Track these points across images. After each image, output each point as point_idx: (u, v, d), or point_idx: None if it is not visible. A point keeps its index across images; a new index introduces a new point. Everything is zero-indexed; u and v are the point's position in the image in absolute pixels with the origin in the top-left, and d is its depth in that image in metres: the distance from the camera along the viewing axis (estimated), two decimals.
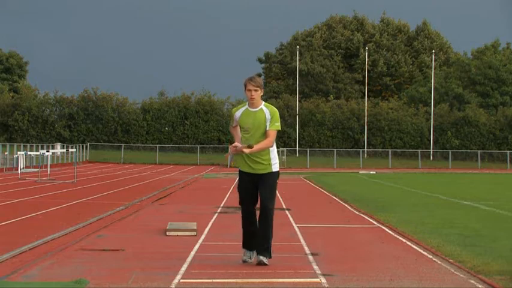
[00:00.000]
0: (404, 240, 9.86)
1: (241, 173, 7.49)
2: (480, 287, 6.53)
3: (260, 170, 7.30)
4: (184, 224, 10.55)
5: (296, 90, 67.12)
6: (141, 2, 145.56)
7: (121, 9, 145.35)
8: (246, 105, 7.39)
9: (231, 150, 7.30)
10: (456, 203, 17.17)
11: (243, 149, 7.15)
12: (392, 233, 10.74)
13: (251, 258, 7.42)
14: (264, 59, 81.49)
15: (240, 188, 7.52)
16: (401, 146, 64.46)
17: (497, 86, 69.69)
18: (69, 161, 44.87)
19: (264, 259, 7.26)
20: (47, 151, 34.63)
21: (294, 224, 11.73)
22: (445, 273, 7.21)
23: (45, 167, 30.39)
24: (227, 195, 18.64)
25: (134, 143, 62.86)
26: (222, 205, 15.56)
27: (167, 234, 10.03)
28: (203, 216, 12.76)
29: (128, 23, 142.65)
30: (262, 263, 7.23)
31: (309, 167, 50.63)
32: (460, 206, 16.42)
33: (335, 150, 56.86)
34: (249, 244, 7.48)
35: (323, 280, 6.69)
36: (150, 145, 61.32)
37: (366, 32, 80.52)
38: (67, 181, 24.87)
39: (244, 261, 7.45)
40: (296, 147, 62.19)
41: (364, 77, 71.14)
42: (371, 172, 42.82)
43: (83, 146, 53.49)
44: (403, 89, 76.03)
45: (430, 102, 65.53)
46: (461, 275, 7.09)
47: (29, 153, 35.78)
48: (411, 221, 12.24)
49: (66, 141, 59.84)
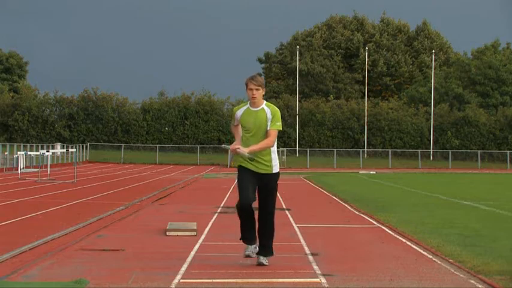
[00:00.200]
0: (404, 240, 9.86)
1: (242, 167, 7.35)
2: (480, 287, 6.53)
3: (261, 169, 7.25)
4: (184, 224, 10.55)
5: (296, 90, 67.12)
6: (141, 2, 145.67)
7: (121, 9, 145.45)
8: (248, 105, 7.34)
9: (232, 151, 7.25)
10: (456, 203, 17.16)
11: (244, 151, 7.11)
12: (392, 233, 10.74)
13: (253, 252, 7.41)
14: (264, 59, 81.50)
15: (240, 178, 7.33)
16: (401, 146, 64.46)
17: (497, 86, 69.70)
18: (69, 161, 44.86)
19: (264, 260, 7.25)
20: (47, 151, 34.62)
21: (294, 224, 11.73)
22: (445, 273, 7.21)
23: (45, 167, 30.39)
24: (227, 195, 18.64)
25: (134, 143, 62.86)
26: (222, 205, 15.56)
27: (167, 234, 10.03)
28: (203, 216, 12.76)
29: (128, 23, 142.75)
30: (262, 264, 7.24)
31: (309, 167, 50.63)
32: (460, 206, 16.41)
33: (335, 150, 56.85)
34: (248, 237, 7.43)
35: (323, 280, 6.70)
36: (150, 145, 61.32)
37: (366, 32, 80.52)
38: (67, 181, 24.87)
39: (247, 256, 7.49)
40: (296, 147, 62.19)
41: (364, 77, 71.15)
42: (371, 172, 42.82)
43: (83, 146, 53.49)
44: (403, 89, 76.04)
45: (430, 102, 65.53)
46: (461, 275, 7.09)
47: (29, 153, 35.77)
48: (411, 221, 12.24)
49: (66, 141, 59.84)
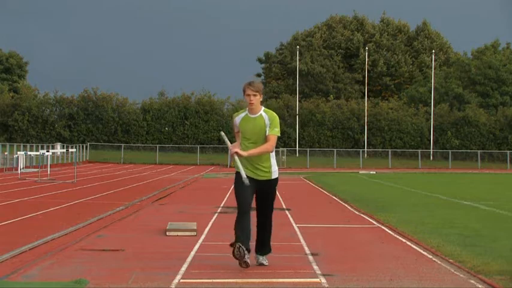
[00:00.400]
0: (404, 240, 9.85)
1: (238, 174, 7.21)
2: (480, 287, 6.53)
3: (260, 176, 7.19)
4: (184, 224, 10.55)
5: (296, 90, 67.12)
6: (141, 2, 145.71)
7: (121, 9, 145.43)
8: (246, 111, 7.29)
9: (231, 153, 7.16)
10: (456, 203, 17.15)
11: (243, 154, 7.06)
12: (392, 233, 10.74)
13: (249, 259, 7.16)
14: (264, 59, 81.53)
15: (236, 187, 7.21)
16: (401, 146, 64.46)
17: (497, 86, 69.71)
18: (69, 161, 44.87)
19: (264, 261, 7.31)
20: (47, 151, 34.62)
21: (294, 224, 11.73)
22: (445, 273, 7.21)
23: (45, 167, 30.40)
24: (227, 195, 18.63)
25: (134, 143, 62.86)
26: (222, 205, 15.56)
27: (167, 234, 10.03)
28: (203, 216, 12.76)
29: (128, 23, 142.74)
30: (262, 264, 7.30)
31: (309, 167, 50.62)
32: (460, 206, 16.40)
33: (335, 150, 56.84)
34: (243, 240, 7.15)
35: (323, 280, 6.70)
36: (150, 145, 61.31)
37: (366, 32, 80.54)
38: (67, 181, 24.86)
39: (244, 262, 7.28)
40: (296, 147, 62.20)
41: (364, 77, 71.17)
42: (371, 172, 42.81)
43: (83, 146, 53.49)
44: (403, 89, 76.05)
45: (430, 102, 65.54)
46: (461, 275, 7.09)
47: (29, 153, 35.78)
48: (411, 221, 12.23)
49: (66, 141, 59.84)
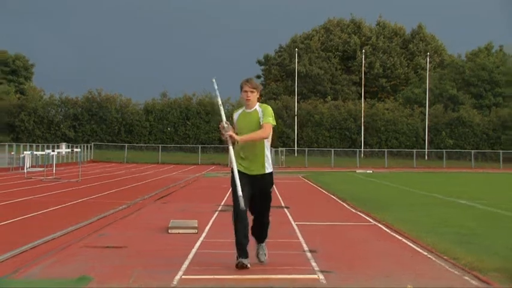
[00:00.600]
0: (400, 238, 9.83)
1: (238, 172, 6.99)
2: (474, 283, 6.51)
3: (254, 170, 7.03)
4: (185, 222, 10.52)
5: (295, 91, 67.15)
6: (142, 3, 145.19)
7: (124, 12, 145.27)
8: (243, 108, 7.24)
9: (225, 136, 6.90)
10: (451, 202, 17.11)
11: (236, 138, 6.87)
12: (388, 231, 10.71)
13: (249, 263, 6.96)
14: (264, 61, 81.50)
15: (234, 191, 6.92)
16: (397, 145, 64.46)
17: (491, 88, 69.71)
18: (74, 160, 44.77)
19: (262, 257, 7.22)
20: (52, 151, 34.61)
21: (292, 222, 11.71)
22: (440, 270, 7.19)
23: (51, 166, 30.38)
24: (227, 194, 18.58)
25: (137, 143, 62.82)
26: (222, 203, 15.55)
27: (169, 231, 10.01)
28: (204, 214, 12.74)
29: (131, 25, 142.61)
30: (260, 260, 7.22)
31: (307, 166, 50.61)
32: (455, 205, 16.36)
33: (333, 150, 56.86)
34: (242, 252, 6.98)
35: (321, 276, 6.68)
36: (153, 145, 61.28)
37: (363, 35, 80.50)
38: (72, 180, 24.83)
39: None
40: (295, 147, 62.19)
41: (360, 78, 71.19)
42: (368, 171, 42.78)
43: (87, 146, 53.45)
44: (399, 90, 76.02)
45: (425, 103, 65.52)
46: (456, 272, 7.07)
47: (34, 152, 35.75)
48: (407, 219, 12.20)
49: (71, 141, 59.77)
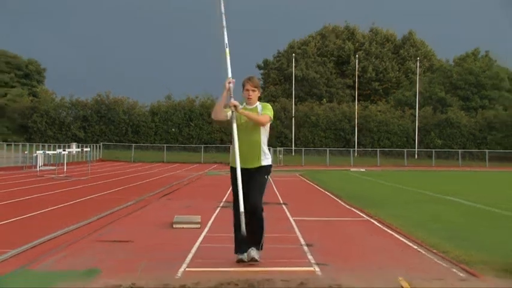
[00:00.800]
0: (392, 233, 9.83)
1: (232, 169, 6.84)
2: (462, 275, 6.50)
3: (249, 164, 6.76)
4: (189, 218, 10.52)
5: (292, 94, 67.18)
6: (143, 4, 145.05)
7: (123, 13, 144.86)
8: (245, 104, 6.97)
9: (231, 104, 6.64)
10: (441, 199, 17.07)
11: (239, 108, 6.64)
12: (381, 226, 10.71)
13: (246, 258, 6.83)
14: (263, 65, 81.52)
15: (233, 184, 6.85)
16: (389, 145, 64.46)
17: (477, 91, 69.72)
18: (84, 159, 44.75)
19: (256, 255, 6.77)
20: (63, 150, 34.58)
21: (290, 218, 11.70)
22: (430, 263, 7.18)
23: (62, 165, 30.35)
24: (228, 191, 18.58)
25: (143, 143, 62.80)
26: (224, 200, 15.53)
27: (174, 226, 10.00)
28: (207, 210, 12.73)
29: (132, 27, 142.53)
30: (254, 259, 6.75)
31: (304, 165, 50.63)
32: (444, 201, 16.33)
33: (328, 149, 56.88)
34: (241, 247, 6.87)
35: (317, 269, 6.67)
36: (158, 145, 61.24)
37: (356, 41, 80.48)
38: (81, 178, 24.82)
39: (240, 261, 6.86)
40: (292, 147, 62.17)
41: (354, 82, 71.19)
42: (361, 170, 42.77)
43: (96, 146, 53.45)
44: (391, 93, 76.01)
45: (415, 106, 65.51)
46: (444, 265, 7.06)
47: (46, 152, 35.75)
48: (399, 215, 12.19)
49: (81, 141, 59.76)
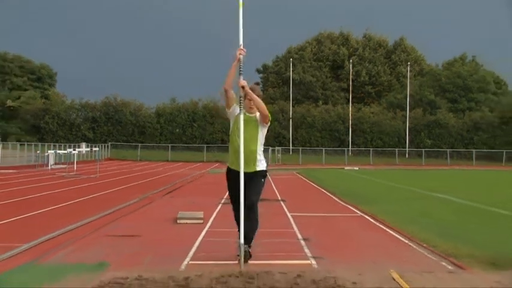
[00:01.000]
0: (385, 228, 9.82)
1: (229, 171, 6.72)
2: (450, 267, 6.50)
3: (245, 168, 6.44)
4: (192, 213, 10.51)
5: (290, 96, 67.14)
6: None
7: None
8: (245, 112, 6.64)
9: (240, 84, 6.42)
10: (430, 196, 17.05)
11: (248, 89, 6.40)
12: (374, 222, 10.70)
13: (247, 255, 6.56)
14: (262, 69, 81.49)
15: (229, 187, 6.74)
16: (381, 145, 64.42)
17: (465, 93, 69.70)
18: (93, 158, 44.72)
19: (248, 249, 6.54)
20: (74, 150, 34.60)
21: (288, 213, 11.69)
22: (420, 256, 7.18)
23: (72, 163, 30.37)
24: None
25: (149, 143, 62.74)
26: (225, 197, 15.48)
27: (178, 222, 10.00)
28: (209, 206, 12.72)
29: (144, 39, 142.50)
30: (247, 253, 6.51)
31: (301, 163, 50.59)
32: (434, 198, 16.31)
33: (324, 149, 56.84)
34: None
35: (313, 262, 6.67)
36: (163, 145, 61.19)
37: (351, 46, 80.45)
38: (90, 176, 24.80)
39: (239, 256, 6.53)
40: (290, 147, 62.13)
41: (348, 85, 71.17)
42: (355, 168, 42.76)
43: (104, 146, 53.39)
44: (383, 96, 75.99)
45: (406, 108, 65.49)
46: (434, 258, 7.06)
47: (58, 151, 35.73)
48: (391, 211, 12.19)
49: (90, 141, 59.72)
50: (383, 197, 16.42)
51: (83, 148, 43.70)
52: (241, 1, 6.41)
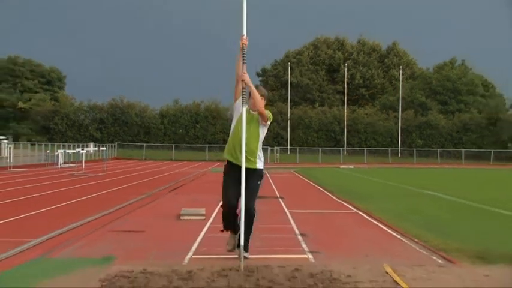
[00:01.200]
0: (378, 224, 9.82)
1: (228, 164, 6.33)
2: (440, 261, 6.50)
3: (246, 163, 6.09)
4: (195, 210, 10.50)
5: (288, 99, 67.14)
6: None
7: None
8: (250, 110, 6.38)
9: (240, 77, 6.19)
10: (422, 193, 17.05)
11: (248, 81, 6.16)
12: (369, 218, 10.70)
13: (234, 247, 6.29)
14: (261, 73, 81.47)
15: (225, 179, 6.28)
16: (375, 145, 64.41)
17: (454, 96, 69.70)
18: (100, 157, 44.70)
19: (247, 254, 6.17)
20: (82, 149, 34.58)
21: (286, 210, 11.68)
22: (412, 251, 7.18)
23: (80, 162, 30.35)
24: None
25: (154, 143, 62.72)
26: None
27: (181, 218, 9.99)
28: (210, 203, 12.71)
29: (148, 43, 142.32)
30: (245, 257, 6.08)
31: (298, 162, 50.58)
32: (425, 195, 16.31)
33: (320, 148, 56.87)
34: (231, 228, 6.34)
35: (310, 256, 6.67)
36: (167, 144, 61.17)
37: (346, 51, 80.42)
38: (98, 174, 24.79)
39: (230, 251, 6.38)
40: (288, 146, 62.11)
41: (344, 88, 71.18)
42: (350, 167, 42.74)
43: (111, 145, 53.34)
44: (376, 98, 75.97)
45: (399, 109, 65.48)
46: (425, 252, 7.06)
47: (66, 151, 35.71)
48: (385, 208, 12.18)
49: (98, 141, 59.66)
50: (377, 194, 16.41)
51: (91, 148, 43.66)
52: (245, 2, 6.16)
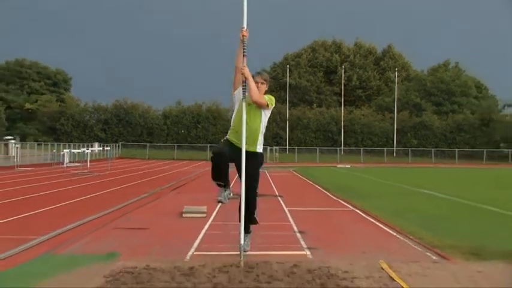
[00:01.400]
0: (375, 221, 9.81)
1: (228, 140, 6.31)
2: (434, 258, 6.50)
3: (246, 146, 6.12)
4: (196, 208, 10.50)
5: (286, 100, 67.13)
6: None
7: (144, 31, 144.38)
8: None
9: (240, 69, 6.17)
10: (417, 192, 17.03)
11: (247, 74, 6.12)
12: (365, 215, 10.69)
13: (226, 198, 6.41)
14: None
15: (221, 144, 6.26)
16: (371, 145, 64.40)
17: (448, 97, 69.70)
18: (105, 157, 44.68)
19: (247, 246, 6.16)
20: (87, 149, 34.55)
21: (285, 208, 11.68)
22: (407, 248, 7.17)
23: (85, 162, 30.33)
24: (231, 185, 18.53)
25: (157, 143, 62.69)
26: None
27: (183, 216, 9.98)
28: (212, 201, 12.67)
29: (151, 44, 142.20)
30: (245, 250, 6.07)
31: (297, 162, 50.57)
32: (420, 194, 16.31)
33: (318, 148, 56.84)
34: (221, 180, 6.37)
35: (308, 253, 6.66)
36: (169, 144, 61.14)
37: (343, 54, 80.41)
38: (102, 173, 24.78)
39: (219, 202, 6.43)
40: (287, 146, 62.09)
41: (341, 89, 71.14)
42: (347, 166, 42.72)
43: (115, 145, 53.34)
44: (372, 99, 75.96)
45: (394, 110, 65.48)
46: (420, 249, 7.05)
47: (72, 151, 35.69)
48: (381, 206, 12.18)
49: (102, 141, 59.63)
50: (373, 192, 16.40)
51: (96, 147, 43.65)
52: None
